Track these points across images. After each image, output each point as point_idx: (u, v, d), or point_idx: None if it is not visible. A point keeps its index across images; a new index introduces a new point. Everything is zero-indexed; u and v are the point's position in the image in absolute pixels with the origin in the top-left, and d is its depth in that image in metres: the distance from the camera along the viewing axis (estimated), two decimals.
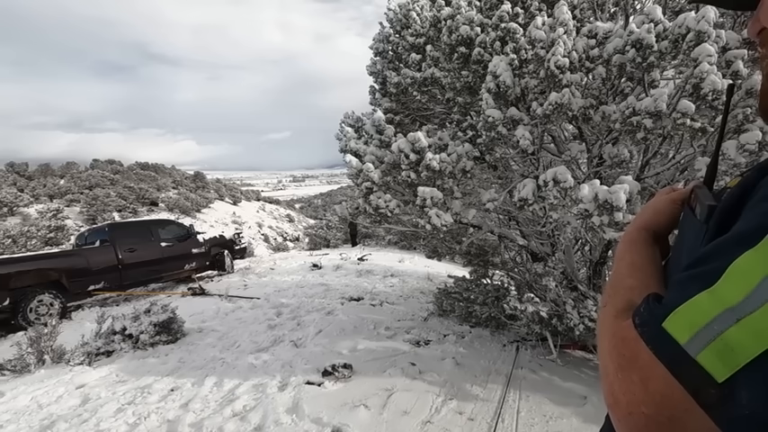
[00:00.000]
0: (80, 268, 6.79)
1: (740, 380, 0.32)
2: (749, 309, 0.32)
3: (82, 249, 7.25)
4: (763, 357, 0.31)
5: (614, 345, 0.43)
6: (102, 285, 7.04)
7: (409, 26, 4.43)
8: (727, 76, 2.39)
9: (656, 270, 0.54)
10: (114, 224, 8.16)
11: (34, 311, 6.04)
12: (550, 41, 2.77)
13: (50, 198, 25.62)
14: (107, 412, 3.04)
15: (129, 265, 7.53)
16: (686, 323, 0.36)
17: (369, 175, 3.11)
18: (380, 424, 2.80)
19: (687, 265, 0.40)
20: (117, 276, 7.32)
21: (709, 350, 0.34)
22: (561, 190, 2.62)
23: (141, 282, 7.89)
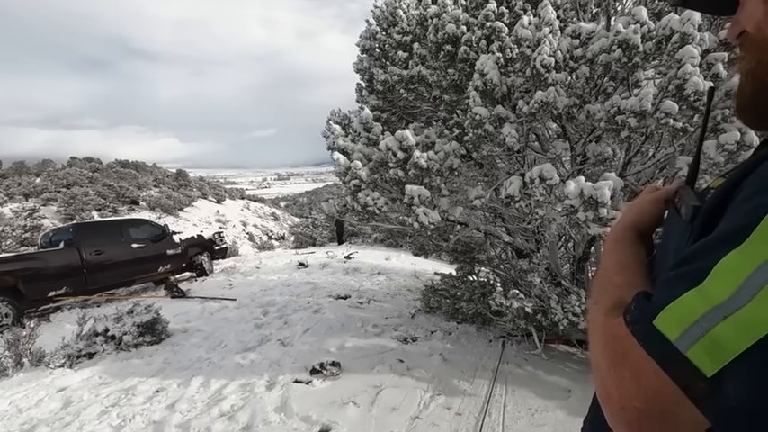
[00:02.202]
0: (39, 272, 6.24)
1: (727, 374, 0.34)
2: (735, 306, 0.34)
3: (42, 252, 6.75)
4: (748, 352, 0.33)
5: (606, 342, 0.45)
6: (64, 290, 6.50)
7: (396, 24, 4.43)
8: (708, 78, 2.46)
9: (642, 268, 0.55)
10: (80, 224, 7.66)
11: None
12: (536, 41, 2.81)
13: (26, 197, 24.91)
14: (90, 415, 2.98)
15: (95, 268, 6.96)
16: (676, 320, 0.37)
17: (357, 173, 3.11)
18: (369, 420, 2.81)
19: (674, 264, 0.42)
20: (81, 280, 6.76)
21: (698, 346, 0.35)
22: (547, 187, 2.67)
23: (110, 286, 7.37)
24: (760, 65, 0.53)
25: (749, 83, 0.55)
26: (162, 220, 25.96)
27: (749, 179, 0.41)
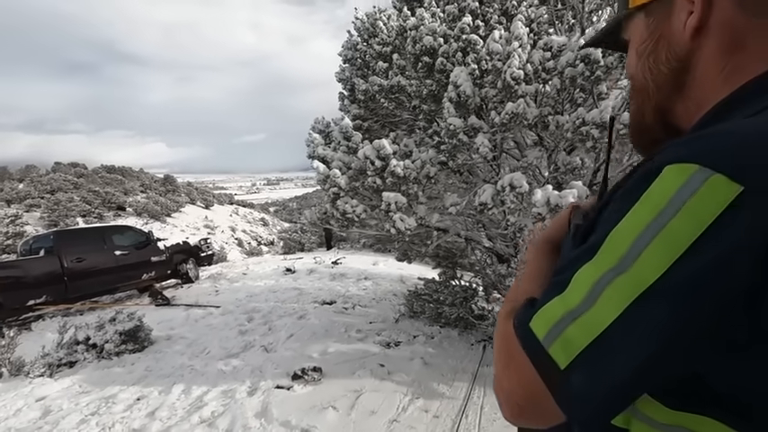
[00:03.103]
0: (18, 281, 6.10)
1: (573, 367, 0.41)
2: (582, 310, 0.41)
3: (20, 260, 6.63)
4: (587, 348, 0.40)
5: (500, 342, 0.52)
6: (44, 299, 6.36)
7: (376, 35, 4.53)
8: None
9: (546, 278, 0.63)
10: (60, 231, 7.53)
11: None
12: (506, 54, 2.91)
13: (8, 203, 24.42)
14: (69, 424, 2.98)
15: (76, 276, 6.82)
16: (543, 323, 0.45)
17: (336, 181, 3.18)
18: (348, 425, 2.86)
19: (552, 275, 0.50)
20: (62, 289, 6.63)
21: (557, 344, 0.42)
22: (518, 195, 2.77)
23: (92, 294, 7.21)
24: (636, 107, 0.63)
25: (632, 120, 0.65)
26: (148, 227, 25.68)
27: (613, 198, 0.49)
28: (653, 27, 0.56)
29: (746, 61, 0.48)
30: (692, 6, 0.50)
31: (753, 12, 0.48)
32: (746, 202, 0.35)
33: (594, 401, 0.41)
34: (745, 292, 0.36)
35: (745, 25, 0.48)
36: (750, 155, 0.37)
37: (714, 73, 0.51)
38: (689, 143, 0.41)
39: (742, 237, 0.35)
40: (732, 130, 0.41)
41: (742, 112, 0.46)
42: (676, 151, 0.40)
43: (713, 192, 0.36)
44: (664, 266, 0.37)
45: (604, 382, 0.40)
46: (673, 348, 0.38)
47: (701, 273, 0.36)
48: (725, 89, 0.49)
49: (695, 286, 0.36)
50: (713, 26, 0.50)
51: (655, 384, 0.42)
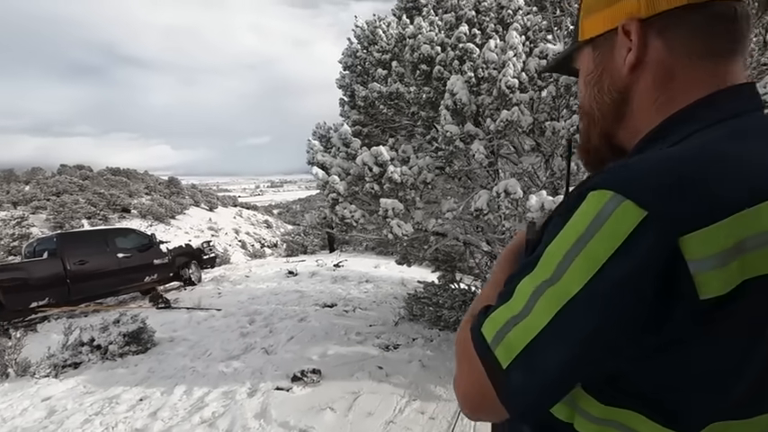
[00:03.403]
0: (20, 283, 6.17)
1: (512, 366, 0.47)
2: (521, 317, 0.48)
3: (23, 262, 6.72)
4: (524, 350, 0.46)
5: (459, 343, 0.58)
6: (46, 301, 6.43)
7: (376, 42, 4.61)
8: None
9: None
10: (64, 234, 7.62)
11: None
12: (502, 63, 2.98)
13: (14, 205, 24.68)
14: (73, 423, 3.06)
15: (79, 279, 6.89)
16: (492, 327, 0.51)
17: (334, 187, 3.24)
18: (345, 425, 2.92)
19: (504, 284, 0.56)
20: (65, 291, 6.70)
21: (501, 346, 0.49)
22: (512, 201, 2.82)
23: (94, 296, 7.31)
24: (584, 130, 0.69)
25: (581, 142, 0.72)
26: (153, 229, 25.85)
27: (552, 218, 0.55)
28: (598, 60, 0.62)
29: (675, 94, 0.55)
30: (630, 44, 0.57)
31: (680, 52, 0.54)
32: (650, 226, 0.41)
33: (529, 396, 0.47)
34: (650, 303, 0.42)
35: (674, 64, 0.55)
36: (656, 184, 0.43)
37: (648, 104, 0.57)
38: (610, 172, 0.47)
39: (645, 255, 0.41)
40: (645, 160, 0.47)
41: (667, 141, 0.53)
42: (599, 179, 0.47)
43: (623, 216, 0.43)
44: (584, 280, 0.44)
45: (537, 379, 0.46)
46: (591, 350, 0.44)
47: (613, 287, 0.43)
48: (657, 118, 0.56)
49: (608, 298, 0.43)
50: (648, 63, 0.56)
51: (579, 380, 0.48)
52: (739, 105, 0.53)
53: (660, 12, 0.54)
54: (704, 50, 0.54)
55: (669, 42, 0.55)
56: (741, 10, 0.53)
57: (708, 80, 0.54)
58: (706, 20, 0.53)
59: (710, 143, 0.49)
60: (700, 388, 0.46)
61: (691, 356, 0.45)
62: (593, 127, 0.66)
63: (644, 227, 0.42)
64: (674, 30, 0.54)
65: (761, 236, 0.42)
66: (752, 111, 0.53)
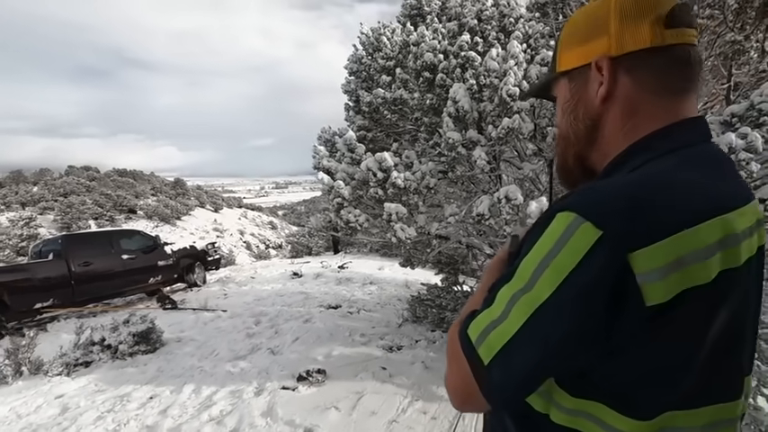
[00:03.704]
0: (25, 284, 6.21)
1: (492, 364, 0.55)
2: (500, 321, 0.56)
3: (28, 264, 6.77)
4: (501, 350, 0.55)
5: (450, 343, 0.66)
6: (51, 302, 6.46)
7: (380, 49, 4.70)
8: None
9: None
10: (68, 235, 7.64)
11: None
12: (503, 72, 3.05)
13: (22, 206, 24.98)
14: (87, 420, 3.16)
15: (83, 280, 6.93)
16: (476, 330, 0.59)
17: (339, 192, 3.33)
18: (349, 424, 3.00)
19: (488, 291, 0.64)
20: (69, 292, 6.74)
21: (483, 345, 0.57)
22: (513, 206, 2.89)
23: (99, 297, 7.34)
24: (561, 152, 0.78)
25: (558, 162, 0.80)
26: (158, 230, 26.01)
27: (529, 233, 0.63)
28: (574, 90, 0.71)
29: (638, 125, 0.64)
30: (602, 79, 0.65)
31: (644, 88, 0.63)
32: (604, 244, 0.50)
33: (507, 390, 0.56)
34: (605, 308, 0.50)
35: (638, 98, 0.64)
36: (611, 208, 0.52)
37: (616, 131, 0.66)
38: (575, 196, 0.56)
39: (600, 269, 0.50)
40: (604, 187, 0.56)
41: (628, 166, 0.62)
42: (565, 202, 0.55)
43: (583, 235, 0.51)
44: (551, 289, 0.52)
45: (512, 375, 0.54)
46: (558, 349, 0.53)
47: (575, 295, 0.51)
48: (623, 144, 0.65)
49: (571, 304, 0.51)
50: (617, 97, 0.65)
51: (549, 375, 0.57)
52: (690, 137, 0.62)
53: (628, 52, 0.62)
54: (663, 88, 0.63)
55: (635, 79, 0.63)
56: (694, 54, 0.62)
57: (665, 114, 0.63)
58: (665, 62, 0.62)
59: (661, 171, 0.57)
60: (651, 383, 0.54)
61: (641, 355, 0.53)
62: (569, 149, 0.74)
63: (600, 244, 0.50)
64: (640, 69, 0.63)
65: (698, 252, 0.50)
66: (700, 142, 0.63)
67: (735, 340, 0.60)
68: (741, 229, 0.56)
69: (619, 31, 0.62)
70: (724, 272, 0.53)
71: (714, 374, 0.57)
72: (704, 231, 0.51)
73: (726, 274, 0.53)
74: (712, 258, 0.52)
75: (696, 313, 0.52)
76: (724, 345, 0.57)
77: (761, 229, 0.63)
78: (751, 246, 0.59)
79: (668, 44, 0.61)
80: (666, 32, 0.60)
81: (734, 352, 0.60)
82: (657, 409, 0.55)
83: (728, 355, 0.59)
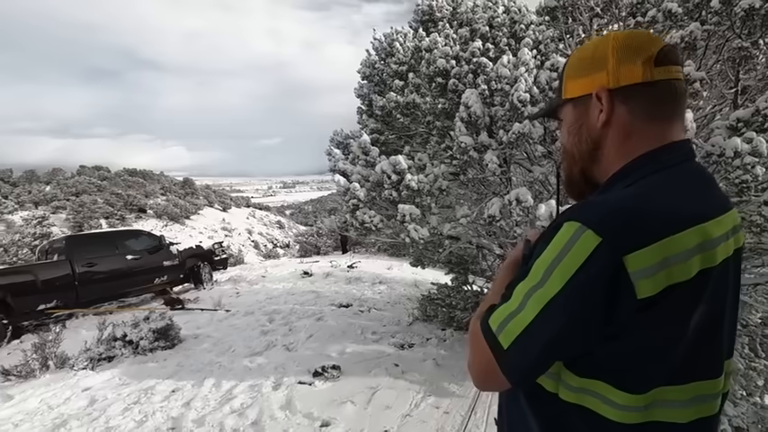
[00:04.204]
0: (28, 286, 6.19)
1: (510, 348, 0.67)
2: (517, 312, 0.68)
3: (32, 265, 6.79)
4: (518, 336, 0.66)
5: (472, 334, 0.78)
6: (54, 304, 6.42)
7: (393, 54, 4.81)
8: None
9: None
10: (72, 236, 7.58)
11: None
12: (514, 78, 3.15)
13: (36, 205, 25.39)
14: (115, 411, 3.32)
15: (86, 281, 6.88)
16: (496, 320, 0.71)
17: (355, 194, 3.45)
18: (365, 417, 3.12)
19: (505, 288, 0.75)
20: (72, 294, 6.69)
21: (503, 333, 0.69)
22: (523, 208, 3.00)
23: (103, 298, 7.29)
24: (567, 167, 0.89)
25: (565, 176, 0.92)
26: (167, 229, 26.28)
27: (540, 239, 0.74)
28: (578, 115, 0.83)
29: (632, 147, 0.76)
30: (602, 107, 0.77)
31: (637, 116, 0.75)
32: (603, 249, 0.62)
33: (523, 369, 0.68)
34: (602, 304, 0.62)
35: (632, 124, 0.76)
36: (609, 218, 0.64)
37: (614, 151, 0.78)
38: (579, 208, 0.68)
39: (599, 270, 0.62)
40: (603, 201, 0.69)
41: (624, 181, 0.75)
42: (571, 213, 0.67)
43: (586, 241, 0.63)
44: (560, 286, 0.64)
45: (528, 356, 0.67)
46: (565, 335, 0.65)
47: (577, 293, 0.63)
48: (620, 162, 0.77)
49: (574, 301, 0.63)
50: (614, 122, 0.77)
51: (558, 358, 0.69)
52: (675, 157, 0.75)
53: (623, 85, 0.74)
54: (653, 115, 0.75)
55: (629, 108, 0.75)
56: (679, 87, 0.75)
57: (654, 138, 0.75)
58: (655, 94, 0.74)
59: (651, 187, 0.70)
60: (644, 362, 0.66)
61: (635, 339, 0.65)
62: (575, 165, 0.86)
63: (599, 249, 0.62)
64: (633, 99, 0.75)
65: (680, 255, 0.62)
66: (684, 161, 0.75)
67: (714, 327, 0.72)
68: (717, 235, 0.68)
69: (615, 68, 0.75)
70: (702, 270, 0.65)
71: (697, 356, 0.69)
72: (685, 238, 0.63)
73: (704, 272, 0.65)
74: (692, 260, 0.63)
75: (679, 304, 0.64)
76: (705, 331, 0.69)
77: (737, 234, 0.76)
78: (727, 248, 0.71)
79: (657, 79, 0.73)
80: (655, 70, 0.73)
81: (714, 337, 0.72)
82: (649, 385, 0.66)
83: (709, 340, 0.71)
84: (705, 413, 0.71)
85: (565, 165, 0.92)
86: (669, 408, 0.68)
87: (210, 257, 9.81)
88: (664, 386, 0.67)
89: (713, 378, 0.72)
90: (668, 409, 0.68)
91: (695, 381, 0.69)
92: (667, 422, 0.68)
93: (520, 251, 0.95)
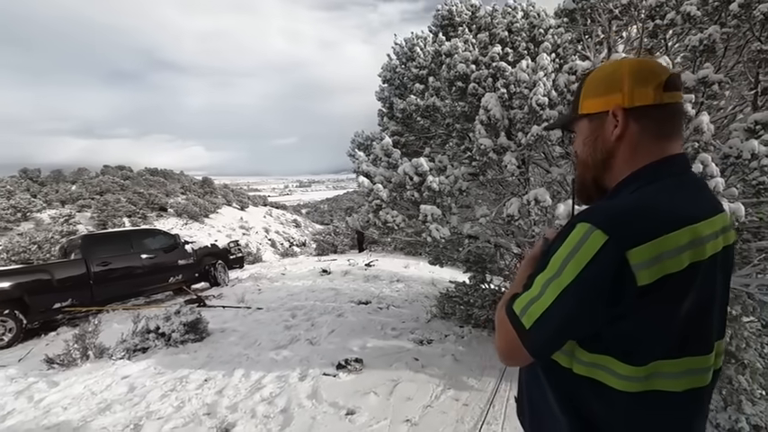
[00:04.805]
0: (44, 284, 6.34)
1: (532, 328, 0.82)
2: (537, 298, 0.82)
3: (47, 264, 6.92)
4: (539, 318, 0.81)
5: (498, 319, 0.92)
6: (69, 302, 6.56)
7: (414, 59, 4.95)
8: None
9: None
10: (88, 236, 7.72)
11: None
12: (533, 83, 3.26)
13: (62, 203, 26.26)
14: (154, 397, 3.54)
15: (101, 280, 7.00)
16: (519, 305, 0.86)
17: (378, 194, 3.60)
18: (387, 407, 3.28)
19: (527, 278, 0.89)
20: (88, 292, 6.82)
21: (525, 316, 0.83)
22: (542, 208, 3.10)
23: (118, 297, 7.42)
24: (581, 174, 1.03)
25: (577, 182, 1.05)
26: (187, 228, 26.85)
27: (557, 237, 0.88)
28: (593, 128, 0.97)
29: (638, 158, 0.90)
30: (616, 123, 0.90)
31: (645, 133, 0.90)
32: (609, 246, 0.75)
33: (541, 345, 0.83)
34: (608, 291, 0.76)
35: (641, 139, 0.90)
36: (615, 220, 0.78)
37: (624, 162, 0.92)
38: (590, 211, 0.82)
39: (606, 264, 0.76)
40: (610, 204, 0.84)
41: (629, 188, 0.89)
42: (583, 215, 0.81)
43: (595, 239, 0.77)
44: (573, 276, 0.78)
45: (546, 334, 0.82)
46: (577, 316, 0.79)
47: (587, 281, 0.77)
48: (627, 171, 0.92)
49: (585, 288, 0.77)
50: (626, 137, 0.91)
51: (571, 336, 0.83)
52: (673, 169, 0.89)
53: (637, 105, 0.87)
54: (658, 133, 0.89)
55: (640, 126, 0.89)
56: (680, 109, 0.90)
57: (657, 151, 0.89)
58: (662, 114, 0.88)
59: (651, 194, 0.84)
60: (644, 339, 0.80)
61: (636, 320, 0.79)
62: (588, 172, 1.00)
63: (606, 245, 0.76)
64: (644, 118, 0.89)
65: (673, 250, 0.76)
66: (680, 173, 0.89)
67: (704, 311, 0.85)
68: (706, 234, 0.81)
69: (631, 90, 0.88)
70: (693, 264, 0.78)
71: (690, 334, 0.83)
72: (677, 237, 0.77)
73: (694, 265, 0.79)
74: (683, 254, 0.77)
75: (672, 291, 0.78)
76: (696, 313, 0.82)
77: (727, 233, 0.89)
78: (716, 245, 0.85)
79: (665, 102, 0.86)
80: (665, 94, 0.86)
81: (704, 319, 0.86)
82: (649, 359, 0.80)
83: (700, 321, 0.85)
84: (696, 384, 0.85)
85: (579, 171, 1.06)
86: (665, 378, 0.82)
87: (226, 256, 9.93)
88: (661, 360, 0.81)
89: (704, 354, 0.86)
90: (664, 380, 0.82)
91: (688, 356, 0.83)
92: (664, 390, 0.82)
93: (539, 248, 1.09)
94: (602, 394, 0.83)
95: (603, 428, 0.84)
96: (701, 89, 3.15)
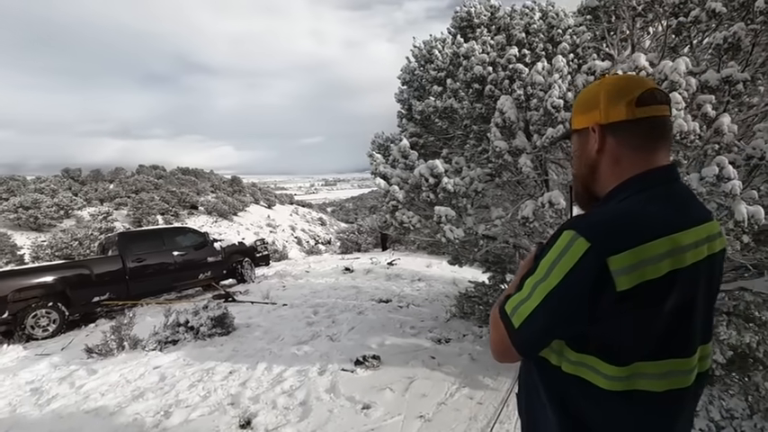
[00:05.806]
0: (84, 279, 6.81)
1: (520, 327, 0.89)
2: (526, 299, 0.90)
3: (87, 260, 7.38)
4: (527, 318, 0.88)
5: (492, 318, 1.00)
6: (107, 296, 7.04)
7: (432, 61, 5.00)
8: (698, 118, 2.83)
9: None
10: (124, 233, 8.13)
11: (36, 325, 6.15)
12: (548, 85, 3.27)
13: (101, 201, 27.58)
14: (182, 386, 3.76)
15: (136, 276, 7.48)
16: (510, 306, 0.93)
17: (394, 196, 3.69)
18: (403, 403, 3.37)
19: (519, 281, 0.97)
20: (124, 287, 7.30)
21: (515, 316, 0.90)
22: (556, 210, 3.12)
23: (151, 292, 7.84)
24: (576, 183, 1.09)
25: (573, 189, 1.11)
26: (216, 225, 27.64)
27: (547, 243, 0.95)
28: (580, 143, 1.04)
29: (624, 169, 0.96)
30: (596, 137, 0.96)
31: (624, 145, 0.96)
32: (591, 253, 0.82)
33: (529, 343, 0.89)
34: (589, 295, 0.82)
35: (620, 152, 0.96)
36: (597, 229, 0.83)
37: (609, 173, 0.98)
38: (575, 220, 0.88)
39: (588, 269, 0.82)
40: (594, 214, 0.89)
41: (616, 198, 0.95)
42: (569, 224, 0.87)
43: (579, 246, 0.83)
44: (558, 280, 0.85)
45: (533, 333, 0.88)
46: (561, 317, 0.85)
47: (571, 285, 0.83)
48: (614, 182, 0.98)
49: (568, 292, 0.84)
50: (606, 150, 0.97)
51: (556, 336, 0.89)
52: (658, 180, 0.94)
53: (611, 122, 0.93)
54: (638, 145, 0.94)
55: (617, 139, 0.95)
56: (662, 122, 0.94)
57: (642, 163, 0.94)
58: (637, 128, 0.94)
59: (634, 205, 0.89)
60: (624, 341, 0.86)
61: (616, 323, 0.85)
62: (580, 182, 1.07)
63: (588, 252, 0.82)
64: (619, 132, 0.95)
65: (652, 258, 0.81)
66: (666, 183, 0.93)
67: (685, 316, 0.89)
68: (687, 243, 0.86)
69: (606, 107, 0.95)
70: (672, 271, 0.83)
71: (671, 338, 0.87)
72: (656, 246, 0.82)
73: (673, 272, 0.83)
74: (662, 262, 0.82)
75: (651, 296, 0.83)
76: (676, 318, 0.87)
77: (712, 241, 0.93)
78: (697, 254, 0.88)
79: (638, 117, 0.91)
80: (637, 109, 0.92)
81: (685, 323, 0.90)
82: (630, 359, 0.86)
83: (681, 325, 0.89)
84: (677, 385, 0.90)
85: (574, 183, 1.13)
86: (647, 379, 0.87)
87: (252, 254, 10.29)
88: (642, 361, 0.86)
89: (686, 357, 0.90)
90: (646, 380, 0.87)
91: (670, 358, 0.88)
92: (645, 390, 0.87)
93: (535, 252, 1.16)
94: (589, 393, 0.89)
95: (591, 426, 0.90)
96: (724, 88, 3.08)
